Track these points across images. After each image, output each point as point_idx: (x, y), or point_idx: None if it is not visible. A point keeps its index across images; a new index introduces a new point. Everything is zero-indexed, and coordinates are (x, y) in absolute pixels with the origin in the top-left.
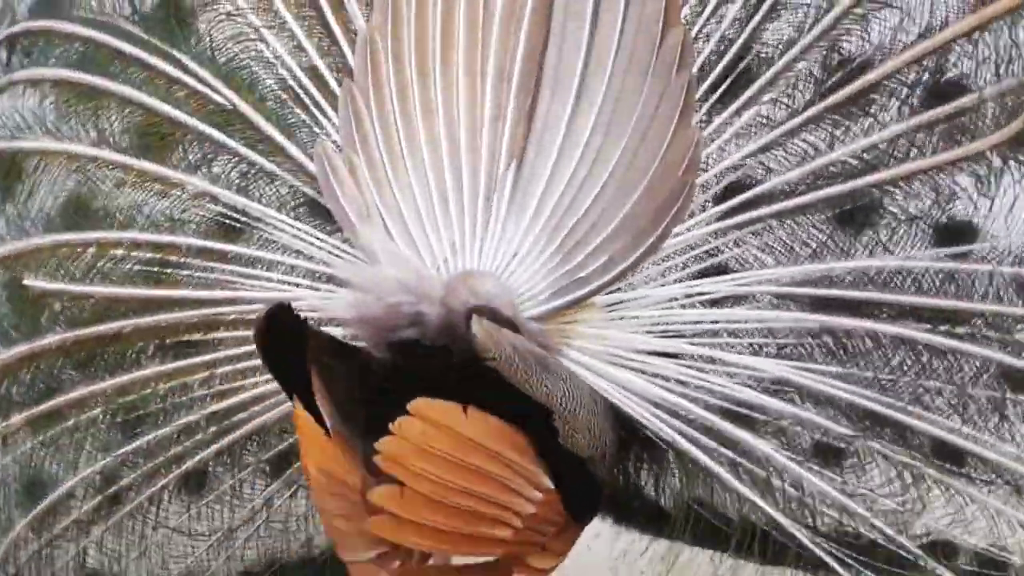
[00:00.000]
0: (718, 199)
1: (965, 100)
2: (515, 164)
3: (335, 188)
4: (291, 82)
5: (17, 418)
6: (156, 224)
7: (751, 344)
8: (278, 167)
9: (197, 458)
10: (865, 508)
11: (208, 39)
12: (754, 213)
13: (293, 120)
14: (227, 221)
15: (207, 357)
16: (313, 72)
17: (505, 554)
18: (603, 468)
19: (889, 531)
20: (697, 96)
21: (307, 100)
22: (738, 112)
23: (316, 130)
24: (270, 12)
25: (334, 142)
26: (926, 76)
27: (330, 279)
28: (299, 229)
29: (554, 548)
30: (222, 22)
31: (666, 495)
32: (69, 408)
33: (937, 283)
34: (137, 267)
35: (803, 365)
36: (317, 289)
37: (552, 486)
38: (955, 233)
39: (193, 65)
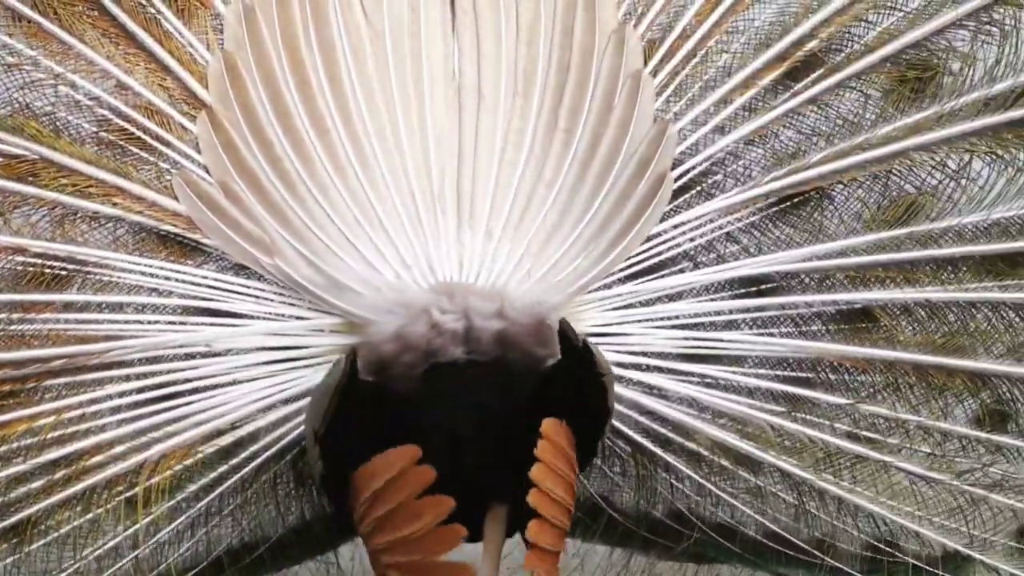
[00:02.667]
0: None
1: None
2: (452, 178)
3: (215, 220)
4: (119, 121)
5: None
6: None
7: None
8: (114, 208)
9: (36, 507)
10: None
11: None
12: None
13: (129, 158)
14: (45, 271)
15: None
16: (148, 108)
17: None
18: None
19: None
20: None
21: (146, 137)
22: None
23: (164, 165)
24: (70, 56)
25: (196, 173)
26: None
27: (219, 312)
28: (148, 266)
29: None
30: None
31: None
32: None
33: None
34: None
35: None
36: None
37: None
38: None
39: None
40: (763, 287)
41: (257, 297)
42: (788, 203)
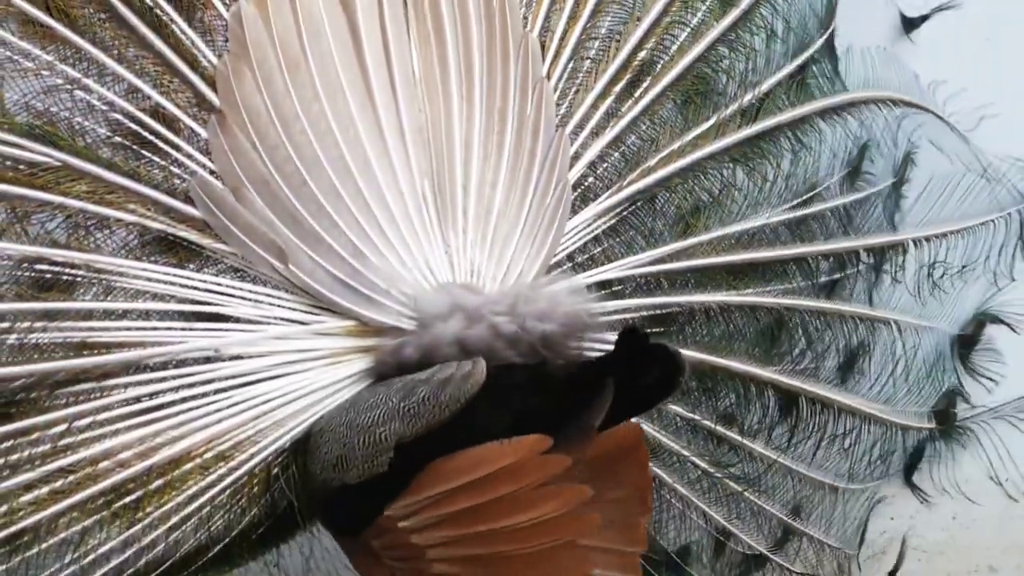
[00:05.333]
0: None
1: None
2: (428, 180)
3: (229, 225)
4: (132, 125)
5: None
6: None
7: None
8: (129, 214)
9: (41, 514)
10: None
11: None
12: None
13: (140, 163)
14: (57, 278)
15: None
16: (156, 112)
17: None
18: None
19: None
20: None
21: (157, 141)
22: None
23: (175, 169)
24: (84, 60)
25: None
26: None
27: (217, 317)
28: (156, 272)
29: None
30: (17, 80)
31: None
32: None
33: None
34: None
35: None
36: (191, 329)
37: None
38: None
39: None
40: (614, 289)
41: (256, 301)
42: (633, 207)
